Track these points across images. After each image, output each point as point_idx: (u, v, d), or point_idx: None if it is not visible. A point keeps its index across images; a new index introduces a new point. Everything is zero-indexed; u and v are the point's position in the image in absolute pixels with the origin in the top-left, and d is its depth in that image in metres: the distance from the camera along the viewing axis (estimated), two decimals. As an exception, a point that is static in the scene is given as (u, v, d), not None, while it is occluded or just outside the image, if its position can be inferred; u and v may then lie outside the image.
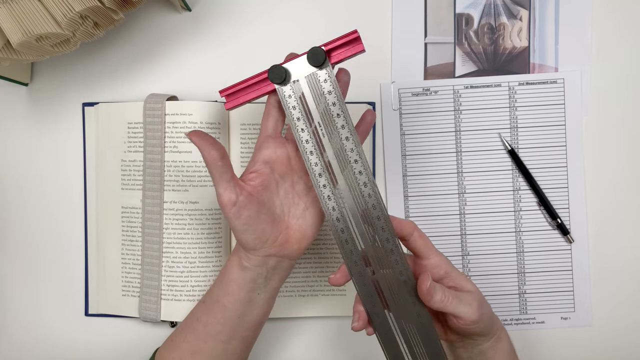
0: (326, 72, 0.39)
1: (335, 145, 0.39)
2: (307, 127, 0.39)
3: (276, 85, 0.39)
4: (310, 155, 0.39)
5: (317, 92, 0.39)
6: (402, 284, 0.39)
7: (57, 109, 0.55)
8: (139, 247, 0.53)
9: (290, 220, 0.42)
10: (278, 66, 0.39)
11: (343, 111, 0.39)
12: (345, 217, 0.39)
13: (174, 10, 0.55)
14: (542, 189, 0.54)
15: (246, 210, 0.39)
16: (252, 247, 0.40)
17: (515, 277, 0.55)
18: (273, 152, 0.41)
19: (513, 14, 0.55)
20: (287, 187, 0.42)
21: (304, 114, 0.39)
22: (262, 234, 0.40)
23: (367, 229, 0.39)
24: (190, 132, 0.38)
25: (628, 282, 0.55)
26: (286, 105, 0.39)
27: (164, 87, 0.55)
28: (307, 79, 0.39)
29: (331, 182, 0.39)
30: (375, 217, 0.38)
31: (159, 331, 0.55)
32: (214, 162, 0.38)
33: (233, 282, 0.42)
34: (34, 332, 0.55)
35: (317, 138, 0.39)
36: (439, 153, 0.55)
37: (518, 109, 0.54)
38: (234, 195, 0.38)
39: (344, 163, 0.39)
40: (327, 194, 0.39)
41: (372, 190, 0.39)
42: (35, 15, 0.40)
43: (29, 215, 0.55)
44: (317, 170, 0.39)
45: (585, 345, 0.55)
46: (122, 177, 0.53)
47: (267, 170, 0.40)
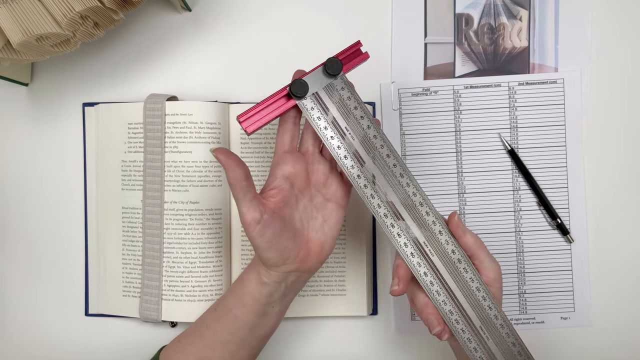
0: (342, 80, 0.40)
1: (367, 145, 0.40)
2: (335, 134, 0.40)
3: (297, 100, 0.40)
4: (345, 160, 0.40)
5: (337, 100, 0.40)
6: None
7: (57, 109, 0.55)
8: (139, 247, 0.53)
9: (310, 234, 0.42)
10: (299, 80, 0.40)
11: (365, 112, 0.40)
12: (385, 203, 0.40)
13: (174, 10, 0.55)
14: (542, 189, 0.54)
15: (270, 228, 0.38)
16: (274, 264, 0.40)
17: (515, 277, 0.55)
18: (292, 168, 0.41)
19: (513, 14, 0.55)
20: (305, 202, 0.42)
21: (329, 122, 0.40)
22: (285, 250, 0.40)
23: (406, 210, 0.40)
24: (216, 150, 0.37)
25: (628, 282, 0.55)
26: (311, 118, 0.40)
27: (164, 87, 0.55)
28: (325, 90, 0.40)
29: (371, 182, 0.40)
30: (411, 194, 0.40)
31: (159, 331, 0.55)
32: (239, 182, 0.37)
33: (248, 295, 0.42)
34: (33, 332, 0.55)
35: (348, 141, 0.40)
36: (439, 153, 0.55)
37: (518, 109, 0.54)
38: (257, 213, 0.38)
39: (382, 166, 0.40)
40: (369, 193, 0.40)
41: (409, 180, 0.41)
42: (35, 15, 0.40)
43: (29, 216, 0.55)
44: (354, 172, 0.40)
45: (585, 345, 0.55)
46: (123, 177, 0.53)
47: (287, 186, 0.40)
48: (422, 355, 0.55)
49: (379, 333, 0.55)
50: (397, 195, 0.40)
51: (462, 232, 0.40)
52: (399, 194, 0.40)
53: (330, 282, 0.54)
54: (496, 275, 0.41)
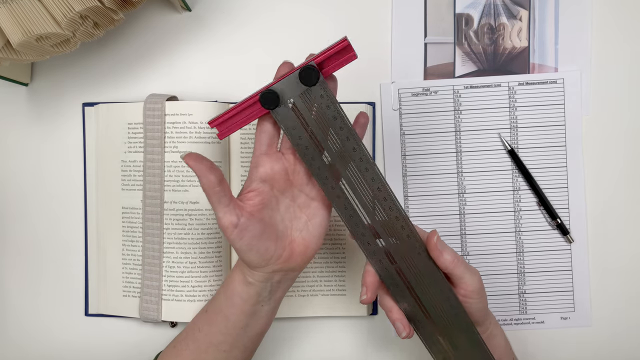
0: (321, 88, 0.37)
1: (345, 159, 0.39)
2: (310, 144, 0.38)
3: (270, 109, 0.38)
4: (318, 171, 0.39)
5: (315, 109, 0.38)
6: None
7: (57, 109, 0.55)
8: (139, 247, 0.53)
9: (294, 234, 0.41)
10: (269, 91, 0.37)
11: (344, 123, 0.38)
12: (354, 205, 0.40)
13: (174, 10, 0.55)
14: (541, 189, 0.54)
15: (248, 231, 0.38)
16: (257, 265, 0.40)
17: (515, 277, 0.55)
18: (270, 169, 0.39)
19: (513, 14, 0.55)
20: (287, 202, 0.41)
21: (304, 133, 0.38)
22: (266, 252, 0.39)
23: (377, 208, 0.39)
24: (186, 155, 0.37)
25: (628, 282, 0.55)
26: (284, 126, 0.38)
27: (164, 87, 0.55)
28: (301, 97, 0.38)
29: (347, 198, 0.39)
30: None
31: (159, 332, 0.55)
32: (213, 187, 0.37)
33: (236, 296, 0.42)
34: (33, 332, 0.55)
35: (320, 150, 0.38)
36: (439, 153, 0.55)
37: (518, 109, 0.54)
38: (234, 217, 0.37)
39: (358, 182, 0.39)
40: (344, 210, 0.39)
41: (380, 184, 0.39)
42: (35, 15, 0.40)
43: (29, 216, 0.55)
44: (328, 184, 0.39)
45: (585, 345, 0.55)
46: (122, 177, 0.53)
47: (265, 188, 0.40)
48: (422, 355, 0.55)
49: (379, 333, 0.55)
50: (379, 217, 0.39)
51: (439, 253, 0.39)
52: (379, 216, 0.39)
53: (330, 282, 0.54)
54: (476, 287, 0.40)
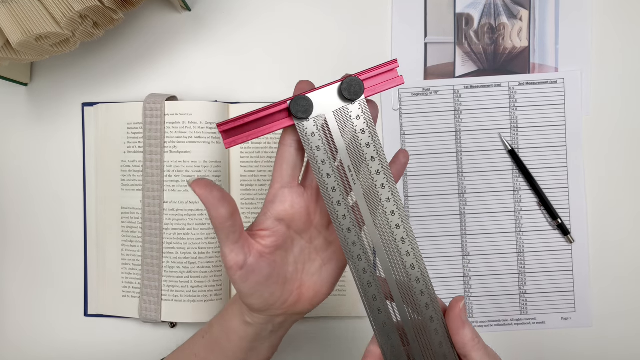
0: (359, 107, 0.32)
1: (370, 197, 0.32)
2: (333, 173, 0.32)
3: (296, 121, 0.32)
4: (337, 207, 0.32)
5: (347, 131, 0.32)
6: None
7: (57, 109, 0.55)
8: (139, 247, 0.53)
9: (304, 278, 0.37)
10: (303, 97, 0.32)
11: (379, 154, 0.32)
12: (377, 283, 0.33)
13: (173, 10, 0.55)
14: (542, 189, 0.54)
15: (254, 275, 0.33)
16: (258, 309, 0.36)
17: (515, 278, 0.55)
18: (290, 207, 0.34)
19: (513, 14, 0.55)
20: (303, 244, 0.36)
21: (330, 156, 0.32)
22: (271, 297, 0.35)
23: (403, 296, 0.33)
24: (194, 182, 0.31)
25: (629, 282, 0.55)
26: (308, 145, 0.32)
27: (164, 87, 0.55)
28: (335, 114, 0.32)
29: (367, 252, 0.33)
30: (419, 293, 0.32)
31: (159, 332, 0.55)
32: (223, 222, 0.31)
33: (234, 333, 0.38)
34: (33, 332, 0.55)
35: (346, 184, 0.32)
36: (439, 153, 0.55)
37: (518, 109, 0.54)
38: (241, 257, 0.33)
39: (379, 219, 0.33)
40: (357, 252, 0.33)
41: (415, 261, 0.32)
42: (34, 15, 0.40)
43: (28, 216, 0.55)
44: (344, 224, 0.33)
45: (586, 346, 0.55)
46: (122, 177, 0.53)
47: (282, 228, 0.34)
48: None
49: (379, 333, 0.55)
50: (396, 276, 0.33)
51: (461, 324, 0.32)
52: (398, 274, 0.33)
53: (330, 282, 0.54)
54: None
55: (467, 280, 0.55)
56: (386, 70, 0.33)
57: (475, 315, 0.55)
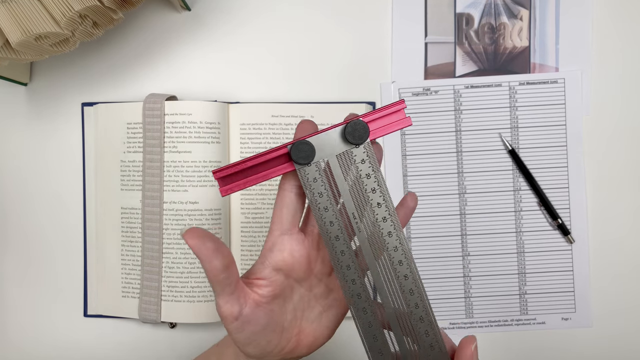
0: (364, 151, 0.31)
1: (375, 243, 0.31)
2: (337, 220, 0.31)
3: (297, 166, 0.31)
4: (341, 256, 0.31)
5: (351, 176, 0.31)
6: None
7: (56, 109, 0.55)
8: (138, 248, 0.52)
9: (303, 325, 0.35)
10: (304, 143, 0.30)
11: (385, 200, 0.31)
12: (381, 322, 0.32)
13: (173, 9, 0.55)
14: (542, 189, 0.54)
15: (250, 325, 0.32)
16: (254, 356, 0.34)
17: (515, 278, 0.55)
18: (289, 256, 0.33)
19: (513, 13, 0.55)
20: (303, 292, 0.35)
21: (333, 202, 0.31)
22: (267, 345, 0.33)
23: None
24: (186, 233, 0.30)
25: (629, 282, 0.55)
26: (310, 191, 0.31)
27: (164, 87, 0.55)
28: (338, 159, 0.31)
29: (370, 296, 0.32)
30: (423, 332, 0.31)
31: (158, 332, 0.54)
32: (217, 274, 0.30)
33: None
34: (32, 332, 0.55)
35: (350, 232, 0.31)
36: (439, 153, 0.55)
37: (518, 108, 0.54)
38: (236, 307, 0.31)
39: (386, 272, 0.31)
40: (361, 305, 0.32)
41: (414, 286, 0.31)
42: (34, 15, 0.40)
43: (28, 216, 0.55)
44: (349, 275, 0.31)
45: (586, 346, 0.55)
46: (122, 177, 0.53)
47: (280, 277, 0.33)
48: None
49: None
50: (402, 328, 0.31)
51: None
52: (404, 321, 0.31)
53: (330, 282, 0.54)
54: None
55: (467, 280, 0.55)
56: (393, 111, 0.31)
57: (475, 315, 0.55)
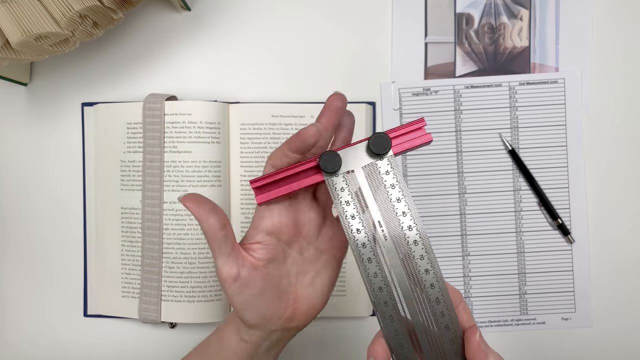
0: (388, 163, 0.33)
1: (400, 249, 0.32)
2: (363, 228, 0.33)
3: (326, 176, 0.34)
4: (367, 264, 0.33)
5: (376, 185, 0.33)
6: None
7: (56, 109, 0.55)
8: (138, 248, 0.52)
9: (298, 291, 0.38)
10: (332, 152, 0.33)
11: (410, 208, 0.33)
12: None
13: (173, 9, 0.55)
14: (542, 189, 0.54)
15: (248, 287, 0.34)
16: (254, 324, 0.36)
17: (515, 278, 0.55)
18: (278, 221, 0.35)
19: (513, 13, 0.55)
20: (294, 255, 0.37)
21: (360, 210, 0.33)
22: (266, 311, 0.36)
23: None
24: (185, 197, 0.33)
25: (629, 282, 0.55)
26: (337, 199, 0.33)
27: (164, 87, 0.55)
28: (364, 170, 0.33)
29: (396, 301, 0.32)
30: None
31: (158, 332, 0.54)
32: (214, 233, 0.33)
33: (230, 351, 0.38)
34: (32, 332, 0.55)
35: (378, 239, 0.33)
36: (439, 153, 0.55)
37: (518, 108, 0.54)
38: (235, 269, 0.34)
39: (411, 275, 0.32)
40: (389, 312, 0.32)
41: (441, 295, 0.32)
42: (34, 15, 0.40)
43: (28, 216, 0.55)
44: (376, 283, 0.33)
45: (586, 346, 0.55)
46: (122, 177, 0.53)
47: (272, 241, 0.36)
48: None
49: (379, 334, 0.55)
50: (424, 322, 0.32)
51: (483, 355, 0.30)
52: (423, 318, 0.32)
53: (331, 282, 0.54)
54: None
55: (467, 280, 0.55)
56: (415, 128, 0.34)
57: (475, 315, 0.55)
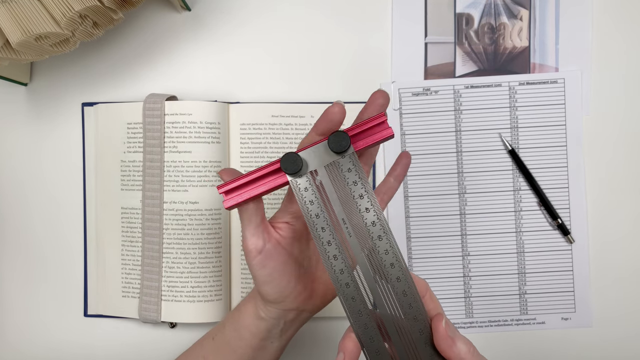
0: (350, 160, 0.34)
1: (365, 245, 0.33)
2: (328, 226, 0.33)
3: (289, 177, 0.34)
4: (333, 261, 0.33)
5: (339, 183, 0.34)
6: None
7: (57, 109, 0.55)
8: (138, 247, 0.52)
9: (318, 273, 0.40)
10: (292, 154, 0.34)
11: (372, 204, 0.33)
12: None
13: (173, 9, 0.55)
14: (542, 189, 0.54)
15: (272, 260, 0.36)
16: (273, 300, 0.38)
17: (515, 278, 0.55)
18: None
19: (513, 13, 0.55)
20: None
21: (324, 209, 0.34)
22: (285, 288, 0.37)
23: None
24: (221, 170, 0.36)
25: (629, 282, 0.55)
26: (302, 200, 0.34)
27: (164, 87, 0.55)
28: (327, 169, 0.34)
29: (361, 294, 0.33)
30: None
31: (158, 332, 0.54)
32: (246, 204, 0.35)
33: (246, 329, 0.40)
34: (32, 332, 0.55)
35: (341, 236, 0.33)
36: (439, 153, 0.55)
37: (518, 108, 0.54)
38: (261, 241, 0.36)
39: (377, 269, 0.33)
40: (357, 307, 0.33)
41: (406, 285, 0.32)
42: (34, 15, 0.40)
43: (28, 216, 0.55)
44: (342, 279, 0.33)
45: (586, 346, 0.55)
46: (122, 177, 0.53)
47: (298, 223, 0.38)
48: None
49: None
50: (393, 315, 0.32)
51: (451, 342, 0.30)
52: (391, 310, 0.32)
53: (330, 282, 0.54)
54: None
55: (467, 280, 0.55)
56: (375, 124, 0.34)
57: (475, 315, 0.55)
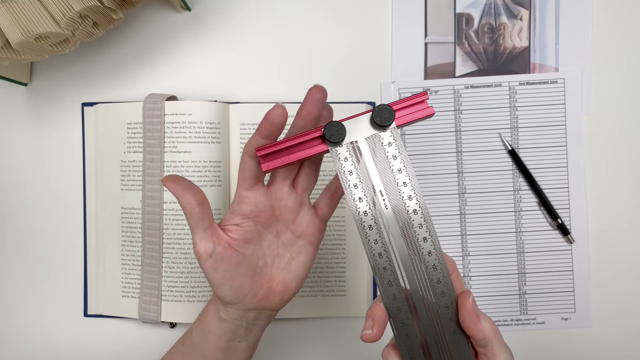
0: (391, 135, 0.34)
1: (400, 218, 0.33)
2: (365, 197, 0.34)
3: (330, 146, 0.34)
4: (369, 230, 0.34)
5: (379, 156, 0.34)
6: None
7: (56, 109, 0.55)
8: (138, 247, 0.52)
9: (274, 272, 0.39)
10: (337, 122, 0.34)
11: (410, 179, 0.34)
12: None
13: (173, 9, 0.55)
14: (542, 189, 0.54)
15: (223, 263, 0.36)
16: (230, 301, 0.38)
17: (515, 278, 0.55)
18: (254, 207, 0.37)
19: (513, 13, 0.55)
20: (271, 238, 0.39)
21: (362, 180, 0.34)
22: (241, 289, 0.37)
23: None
24: (165, 179, 0.35)
25: (629, 282, 0.55)
26: (341, 170, 0.34)
27: (164, 87, 0.55)
28: (367, 141, 0.34)
29: (393, 266, 0.33)
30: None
31: (158, 332, 0.54)
32: (191, 208, 0.35)
33: (210, 332, 0.40)
34: (32, 332, 0.55)
35: (379, 207, 0.34)
36: (439, 153, 0.55)
37: (518, 109, 0.54)
38: (210, 245, 0.36)
39: (410, 242, 0.33)
40: (387, 278, 0.34)
41: (439, 264, 0.33)
42: (34, 15, 0.40)
43: (28, 216, 0.55)
44: (376, 249, 0.34)
45: (586, 346, 0.55)
46: (122, 177, 0.53)
47: (249, 223, 0.38)
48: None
49: (379, 334, 0.55)
50: (422, 294, 0.33)
51: (476, 318, 0.32)
52: (420, 284, 0.33)
53: (330, 282, 0.54)
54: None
55: (467, 280, 0.55)
56: (417, 101, 0.35)
57: (475, 315, 0.55)
